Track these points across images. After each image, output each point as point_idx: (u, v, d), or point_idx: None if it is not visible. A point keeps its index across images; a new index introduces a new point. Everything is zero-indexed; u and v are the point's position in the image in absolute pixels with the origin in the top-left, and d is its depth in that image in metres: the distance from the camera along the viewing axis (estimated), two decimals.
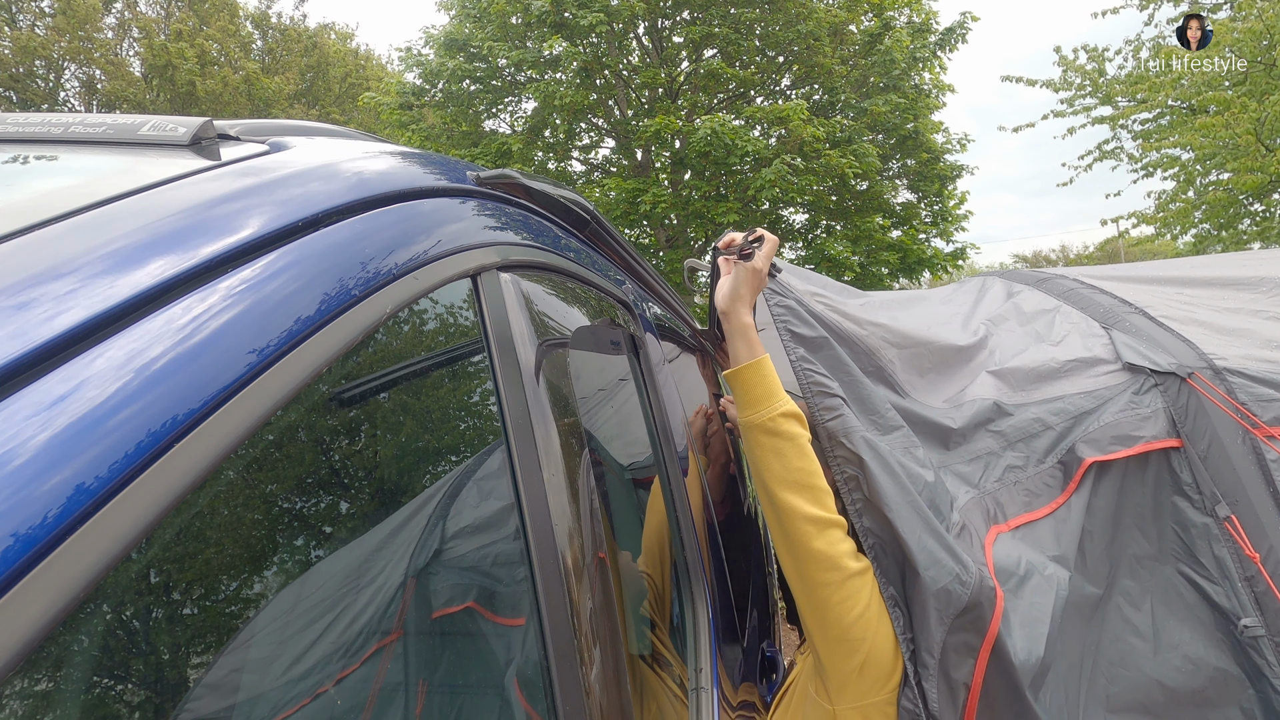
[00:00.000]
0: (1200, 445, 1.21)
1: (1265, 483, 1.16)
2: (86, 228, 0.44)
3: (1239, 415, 1.20)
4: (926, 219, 11.43)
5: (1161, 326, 1.38)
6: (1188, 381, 1.25)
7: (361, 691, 0.50)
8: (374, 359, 0.56)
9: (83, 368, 0.35)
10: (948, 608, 1.00)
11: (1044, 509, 1.17)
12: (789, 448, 1.07)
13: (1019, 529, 1.14)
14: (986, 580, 1.03)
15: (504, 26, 10.36)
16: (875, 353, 1.28)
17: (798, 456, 1.07)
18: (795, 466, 1.06)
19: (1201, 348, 1.30)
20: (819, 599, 1.03)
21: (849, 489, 1.10)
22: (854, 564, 1.03)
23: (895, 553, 1.06)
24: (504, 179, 0.85)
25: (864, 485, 1.08)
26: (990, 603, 1.01)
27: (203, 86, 15.20)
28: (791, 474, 1.06)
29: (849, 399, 1.15)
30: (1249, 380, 1.24)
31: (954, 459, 1.21)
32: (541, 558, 0.67)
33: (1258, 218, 9.67)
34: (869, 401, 1.17)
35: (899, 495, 1.07)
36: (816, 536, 1.03)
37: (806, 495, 1.05)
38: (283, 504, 0.47)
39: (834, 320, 1.26)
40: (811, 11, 10.09)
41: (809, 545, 1.03)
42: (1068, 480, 1.20)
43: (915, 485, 1.09)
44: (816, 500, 1.05)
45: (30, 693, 0.30)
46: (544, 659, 0.64)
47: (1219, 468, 1.19)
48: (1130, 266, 1.77)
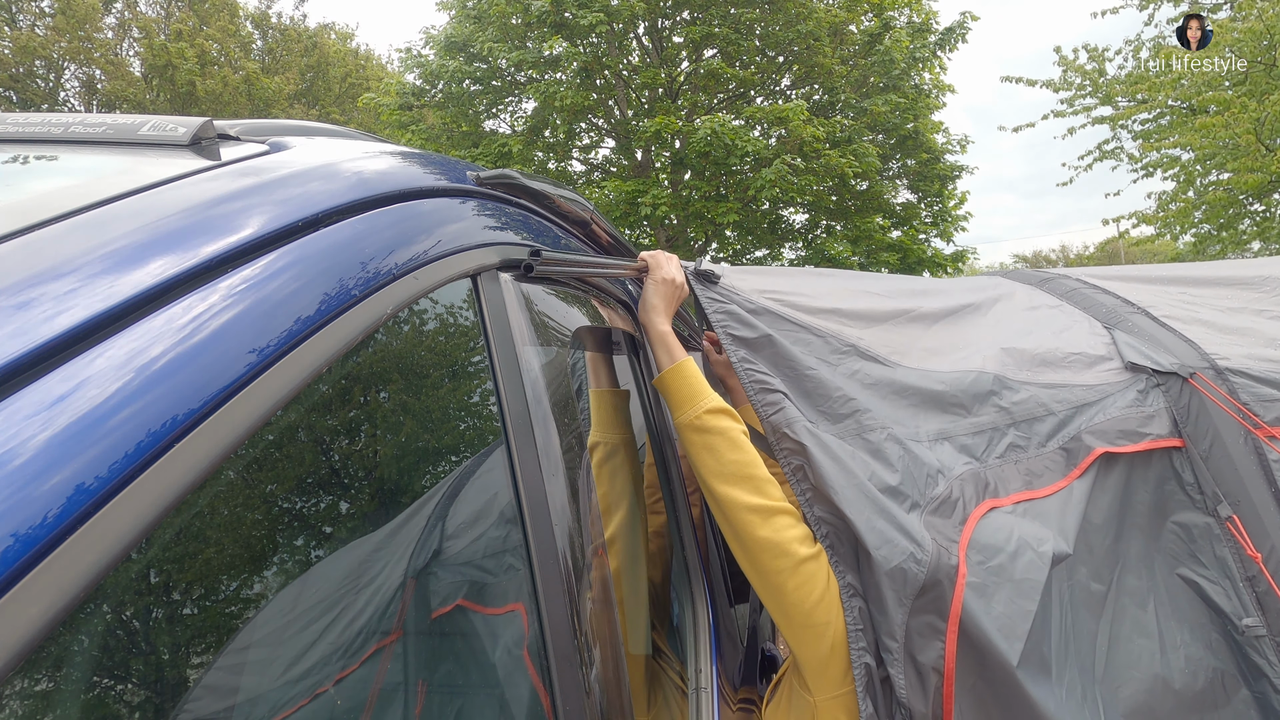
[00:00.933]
0: (1202, 445, 1.21)
1: (1267, 483, 1.16)
2: (87, 227, 0.44)
3: (1241, 415, 1.20)
4: (927, 219, 11.43)
5: (1164, 326, 1.38)
6: (1189, 382, 1.25)
7: (361, 691, 0.50)
8: (374, 359, 0.56)
9: (83, 368, 0.35)
10: (905, 587, 0.98)
11: (1045, 489, 1.16)
12: (720, 441, 1.08)
13: (1018, 505, 1.13)
14: (946, 558, 1.00)
15: (504, 27, 10.37)
16: (840, 335, 1.27)
17: (730, 449, 1.08)
18: (729, 459, 1.07)
19: (1204, 348, 1.29)
20: (774, 587, 1.03)
21: (796, 479, 1.09)
22: (804, 549, 1.03)
23: (848, 538, 1.05)
24: (504, 179, 0.85)
25: (810, 473, 1.08)
26: (951, 580, 0.98)
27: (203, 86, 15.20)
28: (726, 467, 1.07)
29: (791, 392, 1.16)
30: (1251, 380, 1.24)
31: (958, 430, 1.20)
32: (541, 556, 0.67)
33: (1258, 218, 9.67)
34: (819, 391, 1.17)
35: (844, 479, 1.06)
36: (761, 525, 1.03)
37: (745, 486, 1.05)
38: (283, 504, 0.47)
39: (788, 314, 1.26)
40: (811, 11, 10.09)
41: (754, 535, 1.03)
42: (1071, 466, 1.19)
43: (864, 469, 1.08)
44: (757, 489, 1.05)
45: (30, 693, 0.30)
46: (544, 659, 0.64)
47: (1221, 468, 1.19)
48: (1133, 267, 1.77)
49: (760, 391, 1.14)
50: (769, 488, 1.06)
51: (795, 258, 11.82)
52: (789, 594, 1.02)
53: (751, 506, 1.04)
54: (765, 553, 1.03)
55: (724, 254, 12.23)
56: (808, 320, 1.26)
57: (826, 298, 1.36)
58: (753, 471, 1.07)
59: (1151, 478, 1.22)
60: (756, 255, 12.23)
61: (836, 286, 1.47)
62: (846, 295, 1.40)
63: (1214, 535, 1.17)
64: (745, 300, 1.25)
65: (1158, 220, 10.10)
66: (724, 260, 12.25)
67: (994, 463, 1.17)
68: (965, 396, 1.23)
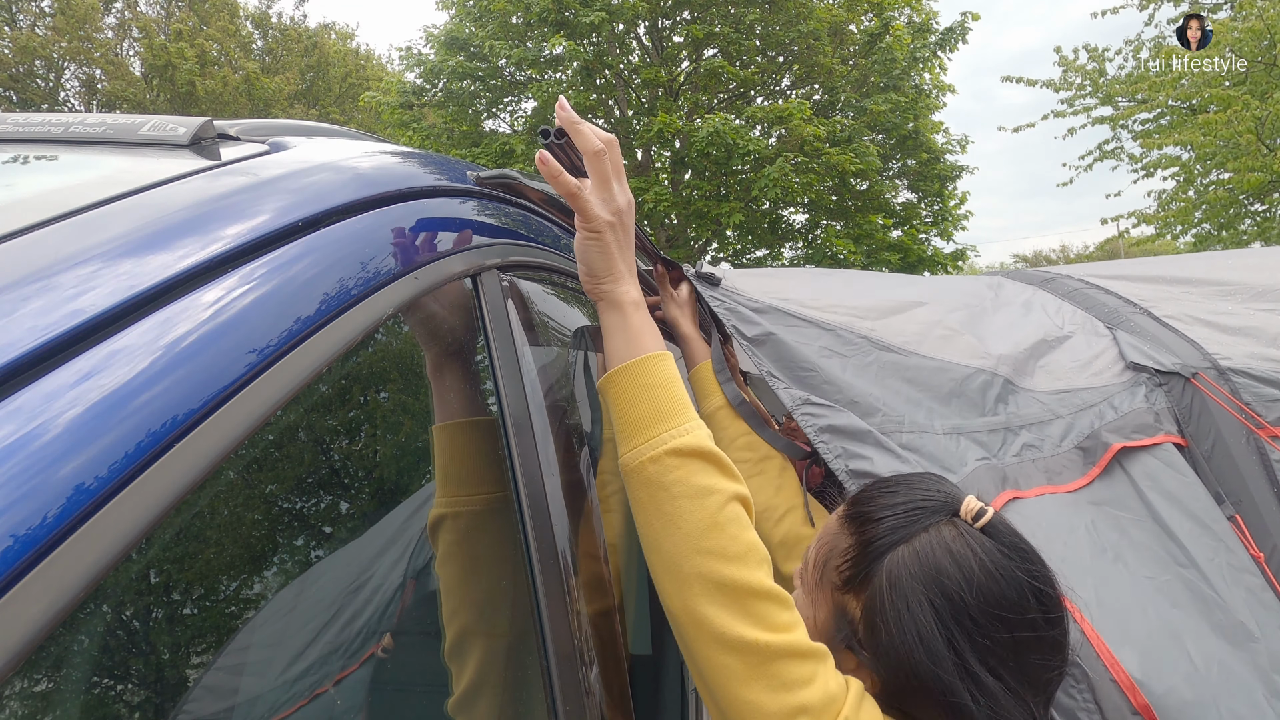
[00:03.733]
0: (1204, 445, 1.21)
1: (1269, 482, 1.16)
2: (86, 227, 0.44)
3: (1243, 415, 1.20)
4: (927, 219, 11.43)
5: (1166, 326, 1.38)
6: (1191, 382, 1.25)
7: (361, 691, 0.50)
8: (374, 359, 0.55)
9: (82, 368, 0.35)
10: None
11: (1067, 485, 1.16)
12: (689, 509, 0.64)
13: (1043, 496, 1.13)
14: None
15: (504, 26, 10.37)
16: (851, 326, 1.27)
17: (706, 526, 0.64)
18: (699, 546, 0.63)
19: (1206, 348, 1.29)
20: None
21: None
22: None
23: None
24: (504, 179, 0.85)
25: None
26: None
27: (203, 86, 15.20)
28: (690, 557, 0.63)
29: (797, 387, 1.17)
30: (1254, 380, 1.23)
31: (972, 427, 1.20)
32: (541, 556, 0.66)
33: (1258, 217, 9.67)
34: (825, 387, 1.18)
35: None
36: (745, 678, 0.61)
37: (723, 599, 0.62)
38: (282, 504, 0.47)
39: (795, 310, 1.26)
40: (812, 11, 10.09)
41: (733, 694, 0.62)
42: (1090, 464, 1.19)
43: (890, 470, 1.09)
44: (745, 607, 0.62)
45: (30, 693, 0.30)
46: (544, 658, 0.64)
47: (1223, 468, 1.19)
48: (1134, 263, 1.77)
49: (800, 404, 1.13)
50: (770, 609, 0.63)
51: (795, 257, 11.81)
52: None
53: (731, 641, 0.61)
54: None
55: (724, 254, 12.23)
56: (817, 315, 1.26)
57: (833, 294, 1.36)
58: (740, 575, 0.62)
59: (1170, 470, 1.22)
60: (757, 255, 12.22)
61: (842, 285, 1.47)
62: (853, 292, 1.40)
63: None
64: (749, 300, 1.25)
65: (1158, 220, 10.10)
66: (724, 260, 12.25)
67: (1010, 460, 1.17)
68: (976, 395, 1.23)
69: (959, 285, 1.64)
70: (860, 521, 0.73)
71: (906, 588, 0.66)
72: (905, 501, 0.73)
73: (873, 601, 0.67)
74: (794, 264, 11.59)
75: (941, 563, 0.67)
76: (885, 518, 0.72)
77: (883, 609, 0.66)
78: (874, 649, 0.67)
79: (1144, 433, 1.21)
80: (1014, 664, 0.65)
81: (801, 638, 0.63)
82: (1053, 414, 1.24)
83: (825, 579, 0.73)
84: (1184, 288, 1.55)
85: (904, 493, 0.75)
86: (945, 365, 1.25)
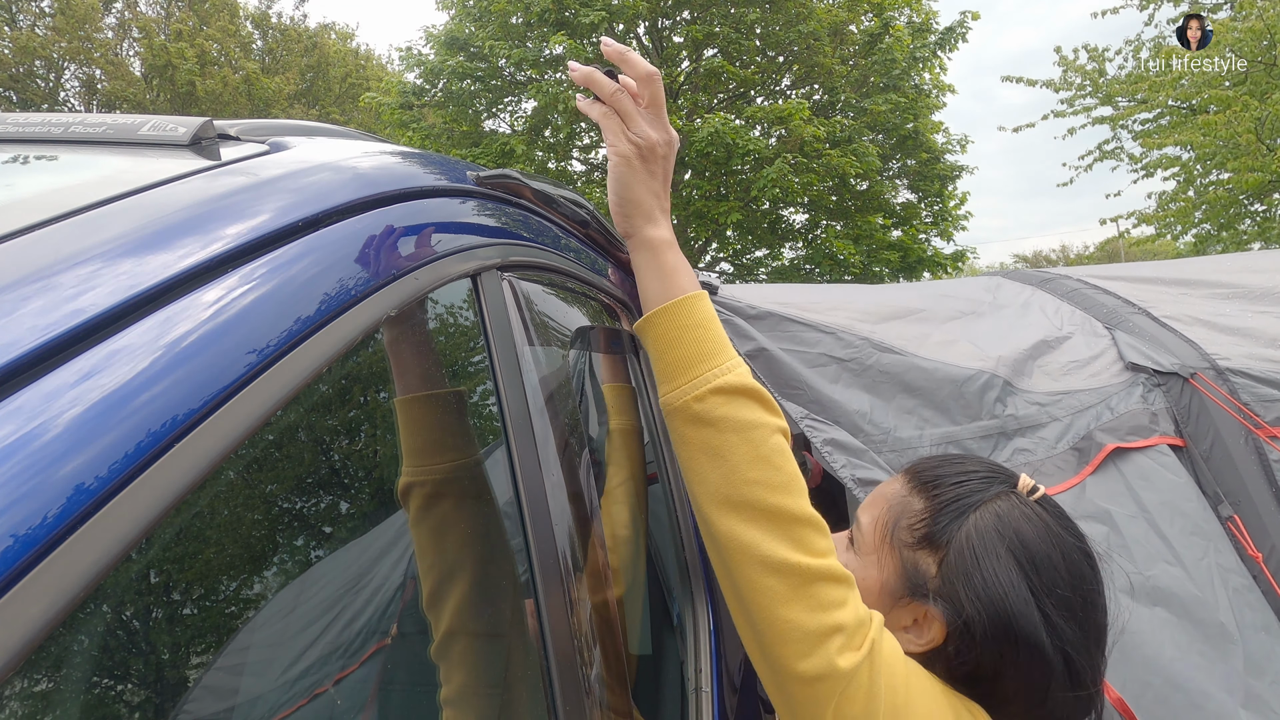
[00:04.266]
0: (1203, 445, 1.21)
1: (1268, 482, 1.16)
2: (86, 227, 0.44)
3: (1241, 416, 1.20)
4: (927, 219, 11.44)
5: (1165, 327, 1.38)
6: (1190, 382, 1.25)
7: (361, 691, 0.50)
8: (374, 359, 0.56)
9: (81, 368, 0.35)
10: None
11: (1059, 485, 1.17)
12: (735, 443, 0.67)
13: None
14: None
15: (505, 26, 10.37)
16: (851, 329, 1.28)
17: (751, 460, 0.66)
18: (746, 477, 0.66)
19: (1205, 348, 1.30)
20: (800, 706, 0.64)
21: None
22: (859, 642, 0.64)
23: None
24: (504, 179, 0.85)
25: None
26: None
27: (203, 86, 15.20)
28: (738, 488, 0.66)
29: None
30: (1252, 380, 1.24)
31: (964, 434, 1.21)
32: (542, 557, 0.67)
33: (1258, 217, 9.67)
34: (809, 405, 1.21)
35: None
36: (786, 599, 0.64)
37: (769, 525, 0.65)
38: (282, 504, 0.47)
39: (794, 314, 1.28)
40: (811, 11, 10.09)
41: (774, 614, 0.64)
42: (1083, 464, 1.20)
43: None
44: (789, 533, 0.65)
45: (30, 693, 0.30)
46: (544, 658, 0.64)
47: (1222, 468, 1.19)
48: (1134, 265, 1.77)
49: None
50: (811, 536, 0.66)
51: (795, 257, 11.82)
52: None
53: (775, 564, 0.64)
54: (789, 647, 0.64)
55: (724, 254, 12.23)
56: (816, 319, 1.27)
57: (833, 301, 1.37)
58: (785, 502, 0.66)
59: (1162, 471, 1.22)
60: (756, 255, 12.23)
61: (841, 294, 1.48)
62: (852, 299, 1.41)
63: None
64: (746, 308, 1.25)
65: (1158, 220, 10.10)
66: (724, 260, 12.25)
67: None
68: (974, 398, 1.23)
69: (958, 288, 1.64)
70: (934, 486, 0.79)
71: (992, 543, 0.72)
72: (977, 470, 0.80)
73: (959, 556, 0.73)
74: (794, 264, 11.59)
75: (1019, 524, 0.73)
76: (963, 482, 0.78)
77: (972, 561, 0.72)
78: (953, 599, 0.72)
79: (1139, 434, 1.22)
80: (1082, 616, 0.71)
81: (836, 564, 0.67)
82: (1050, 416, 1.25)
83: (895, 539, 0.78)
84: (1183, 289, 1.55)
85: (971, 463, 0.82)
86: (944, 368, 1.25)
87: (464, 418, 0.68)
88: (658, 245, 0.74)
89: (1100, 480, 1.17)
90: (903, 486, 0.82)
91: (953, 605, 0.72)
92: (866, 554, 0.80)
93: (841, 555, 0.82)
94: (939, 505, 0.77)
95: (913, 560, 0.76)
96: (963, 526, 0.74)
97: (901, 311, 1.39)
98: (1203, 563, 1.10)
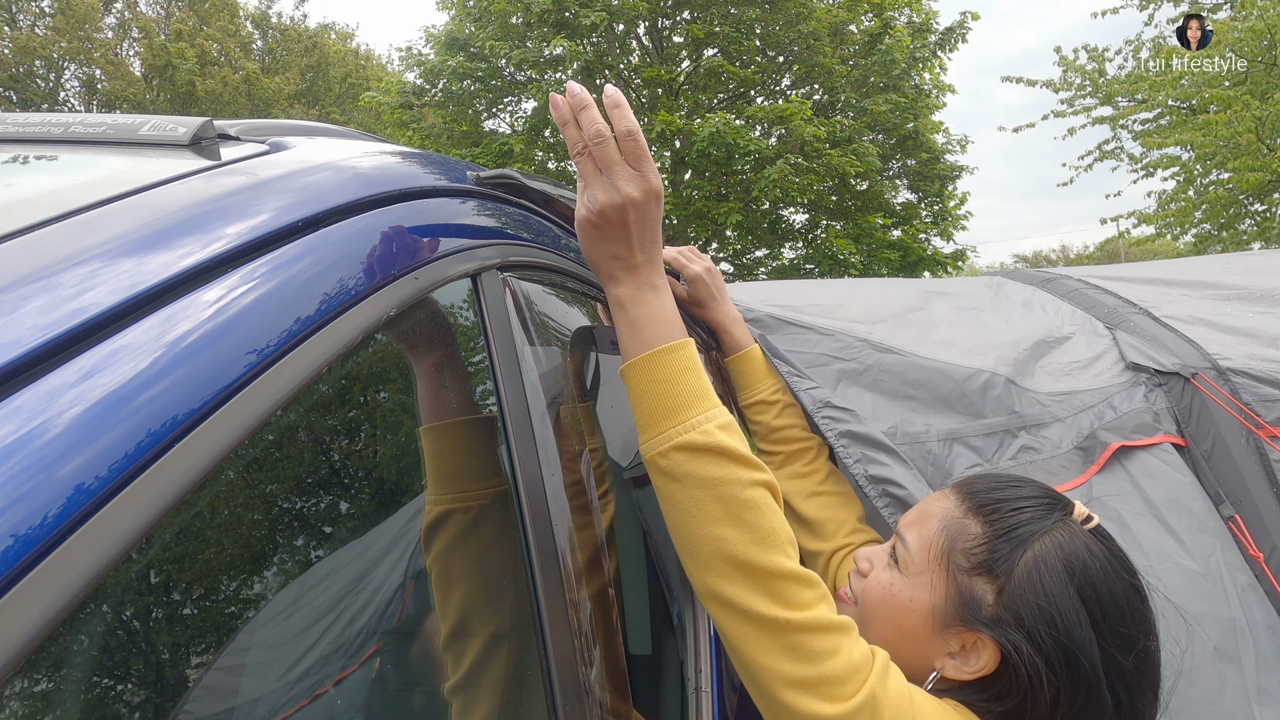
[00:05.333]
0: (1204, 445, 1.21)
1: (1269, 483, 1.16)
2: (86, 227, 0.44)
3: (1242, 416, 1.20)
4: (927, 219, 11.44)
5: (1165, 327, 1.38)
6: (1191, 382, 1.25)
7: (361, 691, 0.50)
8: (374, 359, 0.56)
9: (81, 368, 0.35)
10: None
11: (1065, 484, 1.16)
12: (700, 500, 0.67)
13: None
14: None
15: (504, 26, 10.37)
16: (850, 331, 1.28)
17: (719, 518, 0.66)
18: (714, 534, 0.66)
19: (1206, 348, 1.29)
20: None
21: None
22: (849, 692, 0.64)
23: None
24: (504, 179, 0.85)
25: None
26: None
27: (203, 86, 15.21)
28: (706, 545, 0.66)
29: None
30: (1253, 380, 1.24)
31: (969, 431, 1.21)
32: (541, 557, 0.66)
33: (1258, 217, 9.67)
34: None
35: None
36: (767, 648, 0.65)
37: (743, 579, 0.65)
38: (282, 504, 0.47)
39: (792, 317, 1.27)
40: (812, 11, 10.10)
41: (757, 662, 0.65)
42: (1088, 463, 1.19)
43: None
44: (764, 586, 0.65)
45: (30, 693, 0.30)
46: (544, 658, 0.64)
47: (1223, 468, 1.19)
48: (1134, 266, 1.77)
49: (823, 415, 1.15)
50: (791, 589, 0.65)
51: (795, 257, 11.82)
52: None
53: (753, 616, 0.65)
54: (780, 700, 0.65)
55: (724, 254, 12.23)
56: (814, 321, 1.26)
57: (831, 301, 1.36)
58: (760, 558, 0.65)
59: (1167, 469, 1.22)
60: (757, 255, 12.23)
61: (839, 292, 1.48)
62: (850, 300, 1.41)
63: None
64: (744, 310, 1.25)
65: (1158, 220, 10.10)
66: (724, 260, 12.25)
67: (1006, 464, 1.18)
68: (976, 396, 1.23)
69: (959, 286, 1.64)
70: (992, 510, 0.77)
71: (1058, 577, 0.71)
72: (1035, 496, 0.78)
73: (1021, 587, 0.71)
74: (794, 264, 11.59)
75: (1084, 558, 0.72)
76: (1022, 509, 0.76)
77: (1038, 593, 0.70)
78: (1013, 629, 0.70)
79: (1143, 432, 1.21)
80: (1140, 652, 0.71)
81: (824, 613, 0.66)
82: (1053, 416, 1.24)
83: (950, 562, 0.76)
84: (1184, 289, 1.55)
85: (1027, 487, 0.80)
86: (945, 367, 1.25)
87: (497, 441, 0.67)
88: (622, 302, 0.74)
89: (1106, 479, 1.17)
90: (955, 506, 0.80)
91: (1010, 636, 0.70)
92: (915, 574, 0.78)
93: (882, 574, 0.81)
94: (998, 532, 0.75)
95: (969, 586, 0.74)
96: (1024, 556, 0.73)
97: (902, 310, 1.39)
98: (1212, 559, 1.10)
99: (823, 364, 1.22)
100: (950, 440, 1.18)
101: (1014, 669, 0.69)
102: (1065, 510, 0.77)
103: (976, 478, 0.85)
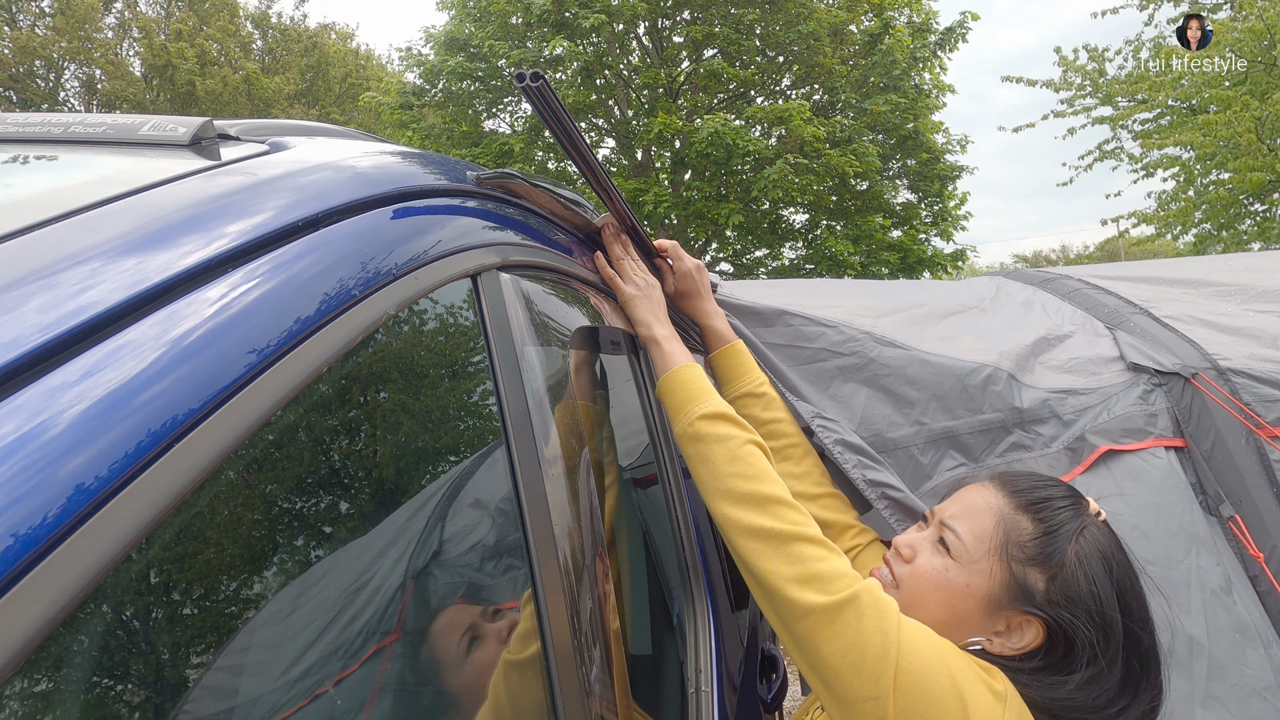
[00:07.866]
0: (1204, 445, 1.21)
1: (1269, 483, 1.16)
2: (86, 227, 0.44)
3: (1243, 416, 1.20)
4: (927, 219, 11.43)
5: (1166, 327, 1.38)
6: (1191, 382, 1.25)
7: (361, 691, 0.50)
8: (374, 359, 0.55)
9: (81, 369, 0.35)
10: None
11: None
12: (716, 451, 0.92)
13: None
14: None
15: (504, 26, 10.36)
16: (851, 323, 1.28)
17: (728, 460, 0.91)
18: (726, 472, 0.90)
19: (1206, 348, 1.29)
20: (806, 646, 0.80)
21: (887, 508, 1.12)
22: (837, 589, 0.79)
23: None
24: (504, 179, 0.85)
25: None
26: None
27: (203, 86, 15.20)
28: (721, 480, 0.90)
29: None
30: (1253, 380, 1.23)
31: (963, 428, 1.21)
32: (542, 557, 0.66)
33: (1258, 217, 9.66)
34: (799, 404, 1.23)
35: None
36: (770, 555, 0.83)
37: (747, 505, 0.87)
38: (282, 504, 0.47)
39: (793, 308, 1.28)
40: (812, 11, 10.09)
41: (763, 568, 0.83)
42: (1074, 464, 1.19)
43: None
44: (763, 509, 0.86)
45: (30, 693, 0.30)
46: (544, 658, 0.64)
47: (1223, 468, 1.19)
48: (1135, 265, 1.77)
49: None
50: (782, 510, 0.86)
51: (795, 258, 11.81)
52: (825, 656, 0.78)
53: (755, 530, 0.85)
54: (782, 594, 0.81)
55: (724, 254, 12.24)
56: (815, 314, 1.27)
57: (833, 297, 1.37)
58: (757, 488, 0.88)
59: (1152, 473, 1.22)
60: (756, 255, 12.23)
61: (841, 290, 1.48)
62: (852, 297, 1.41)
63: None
64: (746, 304, 1.25)
65: (1158, 220, 10.10)
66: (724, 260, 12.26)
67: (994, 462, 1.18)
68: (977, 390, 1.23)
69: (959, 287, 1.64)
70: (1041, 508, 0.90)
71: (1099, 567, 0.85)
72: (1066, 495, 0.92)
73: (1073, 576, 0.84)
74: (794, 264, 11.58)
75: (1114, 551, 0.87)
76: (1064, 507, 0.89)
77: (1085, 581, 0.84)
78: (1063, 610, 0.83)
79: (1133, 437, 1.21)
80: (1149, 630, 0.86)
81: (811, 529, 0.85)
82: (1051, 413, 1.24)
83: (1006, 554, 0.87)
84: (1184, 289, 1.55)
85: (1058, 486, 0.94)
86: (948, 362, 1.25)
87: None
88: (655, 341, 1.07)
89: (1091, 479, 1.17)
90: (1004, 503, 0.91)
91: (1059, 616, 0.83)
92: (971, 563, 0.88)
93: (933, 559, 0.91)
94: (1048, 529, 0.87)
95: (1023, 575, 0.86)
96: (1069, 548, 0.86)
97: (904, 306, 1.39)
98: (1181, 565, 1.11)
99: (820, 360, 1.22)
100: (941, 439, 1.19)
101: (1064, 643, 0.83)
102: (1085, 506, 0.90)
103: (1015, 475, 0.96)
